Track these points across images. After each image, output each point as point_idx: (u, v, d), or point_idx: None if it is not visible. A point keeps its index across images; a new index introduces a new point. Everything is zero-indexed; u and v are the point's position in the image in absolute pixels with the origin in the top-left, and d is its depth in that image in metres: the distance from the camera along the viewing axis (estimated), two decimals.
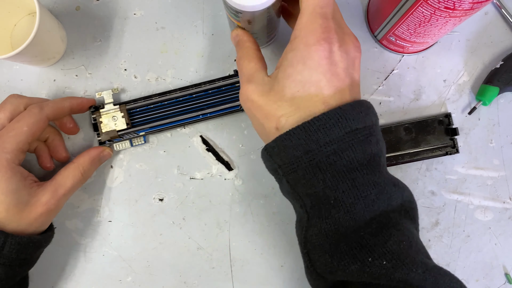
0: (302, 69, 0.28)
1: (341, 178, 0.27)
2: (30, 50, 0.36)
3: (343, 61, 0.28)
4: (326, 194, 0.27)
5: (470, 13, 0.32)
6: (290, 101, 0.28)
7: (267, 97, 0.29)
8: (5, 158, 0.32)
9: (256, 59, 0.32)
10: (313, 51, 0.28)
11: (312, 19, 0.28)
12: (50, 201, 0.34)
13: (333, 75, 0.28)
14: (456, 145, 0.42)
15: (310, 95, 0.28)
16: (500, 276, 0.43)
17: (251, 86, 0.30)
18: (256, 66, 0.32)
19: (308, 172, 0.27)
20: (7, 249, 0.31)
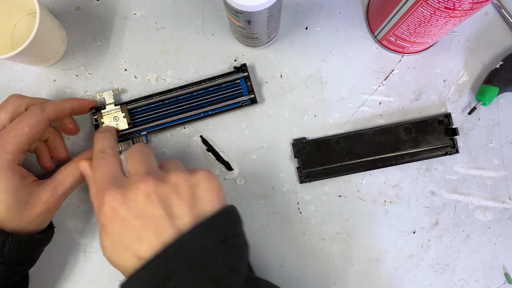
0: (105, 236, 0.29)
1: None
2: (30, 50, 0.36)
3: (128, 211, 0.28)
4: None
5: (470, 13, 0.32)
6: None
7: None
8: (6, 158, 0.32)
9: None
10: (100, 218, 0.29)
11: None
12: (50, 199, 0.34)
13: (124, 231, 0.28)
14: (456, 145, 0.42)
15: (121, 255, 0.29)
16: (500, 276, 0.43)
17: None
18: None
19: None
20: (7, 248, 0.31)
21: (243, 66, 0.41)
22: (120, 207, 0.28)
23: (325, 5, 0.43)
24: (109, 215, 0.28)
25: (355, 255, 0.42)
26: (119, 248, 0.28)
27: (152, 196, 0.28)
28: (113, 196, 0.29)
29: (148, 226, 0.28)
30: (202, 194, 0.29)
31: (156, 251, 0.27)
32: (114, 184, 0.30)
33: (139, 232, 0.28)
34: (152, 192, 0.28)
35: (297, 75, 0.43)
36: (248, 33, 0.37)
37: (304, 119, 0.43)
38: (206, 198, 0.29)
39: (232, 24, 0.37)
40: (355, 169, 0.42)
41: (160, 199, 0.28)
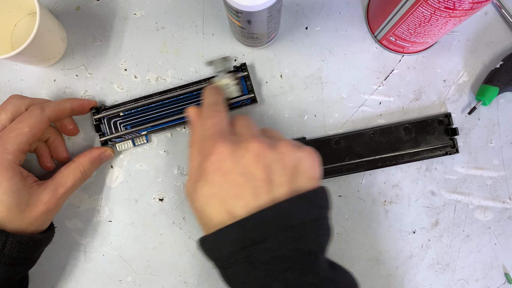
0: (203, 184, 0.29)
1: (274, 277, 0.26)
2: (30, 50, 0.36)
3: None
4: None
5: (470, 13, 0.32)
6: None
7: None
8: (6, 158, 0.32)
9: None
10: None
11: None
12: (51, 200, 0.34)
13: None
14: (456, 145, 0.42)
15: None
16: (500, 276, 0.43)
17: (187, 186, 0.31)
18: (198, 163, 0.31)
19: (243, 268, 0.27)
20: (8, 248, 0.32)
21: (242, 66, 0.41)
22: (228, 160, 0.28)
23: (325, 5, 0.43)
24: (214, 165, 0.28)
25: (355, 255, 0.42)
26: (215, 199, 0.28)
27: (260, 158, 0.28)
28: (224, 148, 0.29)
29: (248, 185, 0.28)
30: (304, 170, 0.29)
31: (252, 212, 0.27)
32: (225, 137, 0.30)
33: (239, 189, 0.28)
34: (261, 154, 0.28)
35: (297, 75, 0.43)
36: (248, 33, 0.37)
37: (304, 119, 0.43)
38: (306, 175, 0.29)
39: (232, 24, 0.37)
40: (355, 169, 0.42)
41: (266, 163, 0.28)
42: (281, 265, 0.26)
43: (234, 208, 0.27)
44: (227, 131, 0.31)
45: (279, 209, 0.27)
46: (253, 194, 0.27)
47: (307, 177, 0.29)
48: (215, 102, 0.34)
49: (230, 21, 0.37)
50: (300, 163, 0.29)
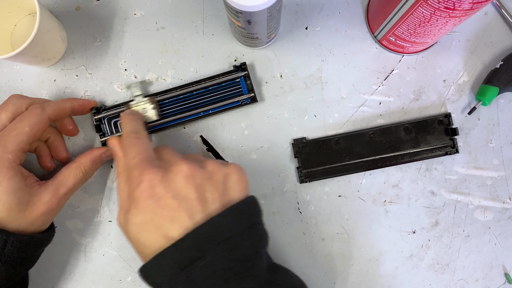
0: (135, 213, 0.29)
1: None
2: (30, 50, 0.36)
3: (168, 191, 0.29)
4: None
5: (470, 13, 0.32)
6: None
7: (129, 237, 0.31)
8: (7, 158, 0.32)
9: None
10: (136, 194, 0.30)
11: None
12: (52, 200, 0.34)
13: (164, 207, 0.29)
14: (456, 145, 0.42)
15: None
16: (500, 276, 0.43)
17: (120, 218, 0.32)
18: (127, 191, 0.32)
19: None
20: (8, 247, 0.32)
21: (242, 65, 0.41)
22: (159, 185, 0.29)
23: (325, 5, 0.43)
24: (146, 192, 0.29)
25: (355, 255, 0.42)
26: (149, 226, 0.28)
27: (190, 178, 0.29)
28: (154, 174, 0.29)
29: (183, 207, 0.28)
30: (232, 184, 0.31)
31: (187, 232, 0.27)
32: (153, 163, 0.30)
33: (173, 212, 0.28)
34: (191, 175, 0.29)
35: (297, 75, 0.43)
36: (248, 33, 0.37)
37: (304, 119, 0.43)
38: (235, 188, 0.31)
39: (232, 24, 0.37)
40: (355, 169, 0.42)
41: (196, 183, 0.29)
42: (222, 277, 0.27)
43: (170, 232, 0.28)
44: (153, 157, 0.32)
45: (212, 224, 0.28)
46: (188, 214, 0.28)
47: (236, 190, 0.31)
48: (135, 129, 0.35)
49: (230, 21, 0.37)
50: (229, 178, 0.31)
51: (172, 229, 0.28)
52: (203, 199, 0.29)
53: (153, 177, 0.29)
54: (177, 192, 0.29)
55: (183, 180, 0.29)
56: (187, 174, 0.29)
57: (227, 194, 0.30)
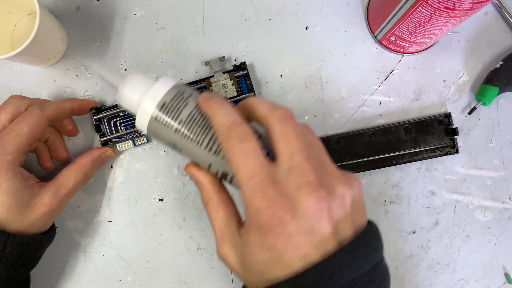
0: (260, 249, 0.25)
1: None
2: (30, 50, 0.36)
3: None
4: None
5: (470, 13, 0.32)
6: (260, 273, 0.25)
7: (243, 267, 0.26)
8: (6, 159, 0.32)
9: (223, 207, 0.28)
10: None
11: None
12: (52, 201, 0.34)
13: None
14: (456, 145, 0.42)
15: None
16: (500, 276, 0.43)
17: (225, 248, 0.27)
18: (225, 217, 0.28)
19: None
20: (9, 248, 0.31)
21: (242, 64, 0.41)
22: (290, 222, 0.24)
23: (325, 5, 0.43)
24: (276, 230, 0.24)
25: None
26: (279, 263, 0.24)
27: (324, 212, 0.24)
28: (283, 209, 0.24)
29: (314, 242, 0.24)
30: (359, 207, 0.26)
31: (315, 263, 0.24)
32: (276, 185, 0.24)
33: (305, 250, 0.24)
34: (324, 208, 0.24)
35: (297, 75, 0.43)
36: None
37: (304, 119, 0.43)
38: (360, 211, 0.26)
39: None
40: (355, 169, 0.42)
41: (330, 216, 0.24)
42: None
43: (297, 268, 0.24)
44: (272, 168, 0.25)
45: (337, 262, 0.24)
46: (319, 249, 0.24)
47: (361, 213, 0.26)
48: (233, 124, 0.26)
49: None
50: (356, 202, 0.26)
51: (302, 265, 0.24)
52: (336, 230, 0.24)
53: (283, 214, 0.24)
54: (310, 227, 0.24)
55: (316, 215, 0.24)
56: (320, 208, 0.24)
57: (356, 219, 0.25)
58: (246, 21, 0.43)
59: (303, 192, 0.24)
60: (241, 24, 0.43)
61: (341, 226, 0.25)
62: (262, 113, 0.27)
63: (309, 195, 0.24)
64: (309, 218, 0.24)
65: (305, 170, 0.25)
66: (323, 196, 0.24)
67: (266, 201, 0.24)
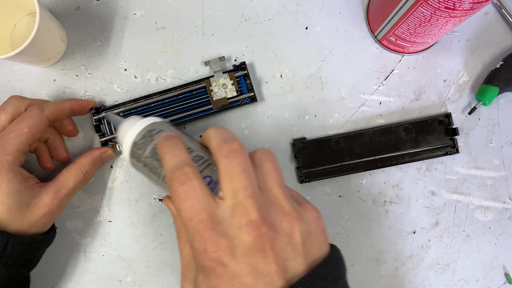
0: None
1: None
2: (30, 50, 0.36)
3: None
4: None
5: (470, 13, 0.32)
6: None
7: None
8: (6, 159, 0.32)
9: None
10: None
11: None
12: (53, 202, 0.34)
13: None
14: (456, 145, 0.42)
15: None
16: (500, 276, 0.43)
17: (185, 285, 0.27)
18: (190, 252, 0.26)
19: None
20: (9, 249, 0.31)
21: (242, 64, 0.41)
22: (230, 262, 0.23)
23: (325, 5, 0.43)
24: (217, 271, 0.23)
25: (355, 255, 0.42)
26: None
27: (267, 251, 0.23)
28: (221, 250, 0.23)
29: (260, 283, 0.23)
30: (313, 240, 0.25)
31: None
32: (214, 226, 0.24)
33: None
34: (267, 247, 0.23)
35: (297, 75, 0.43)
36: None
37: (304, 119, 0.43)
38: (316, 244, 0.25)
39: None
40: (355, 169, 0.42)
41: (275, 254, 0.23)
42: None
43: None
44: (214, 206, 0.24)
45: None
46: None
47: (317, 246, 0.25)
48: (178, 166, 0.25)
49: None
50: (309, 234, 0.25)
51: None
52: (285, 269, 0.24)
53: (221, 253, 0.23)
54: (253, 267, 0.23)
55: (258, 254, 0.23)
56: (261, 246, 0.23)
57: (310, 254, 0.25)
58: (246, 21, 0.43)
59: (244, 232, 0.23)
60: (241, 24, 0.43)
61: (290, 264, 0.24)
62: (213, 148, 0.27)
63: (249, 234, 0.23)
64: (251, 258, 0.23)
65: (247, 209, 0.24)
66: (265, 234, 0.23)
67: (203, 242, 0.23)
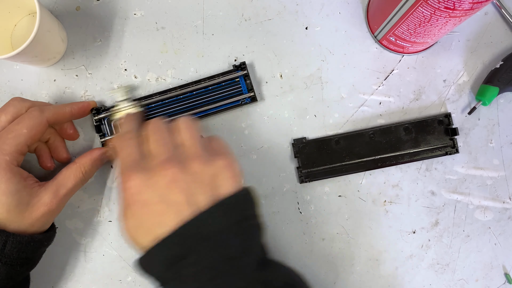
0: (130, 216, 0.30)
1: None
2: (30, 50, 0.36)
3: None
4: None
5: (470, 13, 0.32)
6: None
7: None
8: (4, 160, 0.32)
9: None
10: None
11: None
12: (52, 201, 0.34)
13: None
14: (456, 145, 0.42)
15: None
16: (500, 276, 0.43)
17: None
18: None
19: (176, 286, 0.28)
20: (8, 248, 0.31)
21: (242, 64, 0.41)
22: (144, 190, 0.29)
23: (325, 5, 0.43)
24: (134, 197, 0.29)
25: (355, 255, 0.42)
26: (141, 230, 0.29)
27: (174, 183, 0.29)
28: (140, 179, 0.29)
29: (170, 211, 0.29)
30: (222, 182, 0.30)
31: (174, 229, 0.28)
32: (140, 166, 0.30)
33: (162, 217, 0.29)
34: (176, 179, 0.29)
35: (297, 75, 0.43)
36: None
37: (304, 119, 0.43)
38: (225, 185, 0.30)
39: None
40: (355, 169, 0.42)
41: (181, 187, 0.29)
42: (207, 275, 0.27)
43: (160, 233, 0.28)
44: (138, 159, 0.31)
45: (197, 221, 0.28)
46: (175, 216, 0.28)
47: (226, 187, 0.30)
48: (127, 131, 0.35)
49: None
50: (216, 178, 0.30)
51: (162, 232, 0.28)
52: (192, 201, 0.29)
53: (137, 183, 0.29)
54: (164, 196, 0.29)
55: (168, 186, 0.29)
56: (171, 179, 0.29)
57: (217, 192, 0.30)
58: (246, 21, 0.43)
59: (157, 169, 0.30)
60: (241, 24, 0.43)
61: (197, 197, 0.29)
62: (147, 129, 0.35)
63: (160, 170, 0.30)
64: (162, 189, 0.29)
65: (160, 154, 0.31)
66: (174, 171, 0.29)
67: (126, 178, 0.30)
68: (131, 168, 0.30)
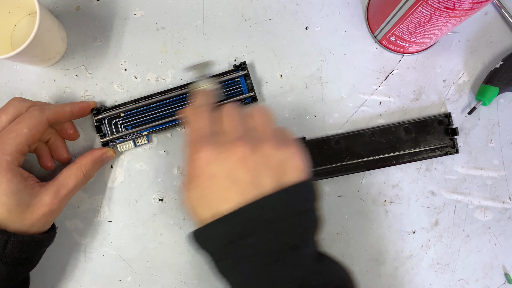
0: (194, 187, 0.30)
1: (258, 272, 0.27)
2: (30, 50, 0.36)
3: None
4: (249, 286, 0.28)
5: (470, 13, 0.32)
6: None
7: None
8: (5, 159, 0.32)
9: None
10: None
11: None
12: (53, 201, 0.34)
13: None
14: (456, 145, 0.42)
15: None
16: (500, 276, 0.43)
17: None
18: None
19: (232, 262, 0.28)
20: (9, 248, 0.32)
21: (242, 64, 0.41)
22: (213, 164, 0.29)
23: (325, 5, 0.43)
24: (201, 169, 0.29)
25: (355, 255, 0.42)
26: (203, 202, 0.29)
27: (244, 161, 0.29)
28: (210, 151, 0.29)
29: (235, 189, 0.29)
30: (289, 169, 0.30)
31: (237, 208, 0.28)
32: (212, 139, 0.31)
33: (225, 192, 0.29)
34: (244, 158, 0.29)
35: (297, 75, 0.43)
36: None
37: (304, 119, 0.43)
38: (293, 173, 0.30)
39: None
40: (355, 169, 0.42)
41: (250, 166, 0.29)
42: (265, 260, 0.27)
43: (222, 209, 0.28)
44: (210, 133, 0.31)
45: (262, 204, 0.28)
46: (239, 195, 0.28)
47: (293, 173, 0.30)
48: (203, 103, 0.35)
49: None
50: (285, 163, 0.30)
51: (223, 208, 0.28)
52: (257, 182, 0.29)
53: (209, 154, 0.29)
54: (231, 172, 0.29)
55: (236, 162, 0.29)
56: (240, 156, 0.29)
57: (283, 178, 0.30)
58: (246, 21, 0.43)
59: (229, 141, 0.30)
60: (241, 24, 0.43)
61: (263, 180, 0.29)
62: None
63: (232, 144, 0.30)
64: (230, 165, 0.29)
65: (235, 132, 0.31)
66: (247, 149, 0.29)
67: (196, 149, 0.30)
68: (201, 140, 0.31)
